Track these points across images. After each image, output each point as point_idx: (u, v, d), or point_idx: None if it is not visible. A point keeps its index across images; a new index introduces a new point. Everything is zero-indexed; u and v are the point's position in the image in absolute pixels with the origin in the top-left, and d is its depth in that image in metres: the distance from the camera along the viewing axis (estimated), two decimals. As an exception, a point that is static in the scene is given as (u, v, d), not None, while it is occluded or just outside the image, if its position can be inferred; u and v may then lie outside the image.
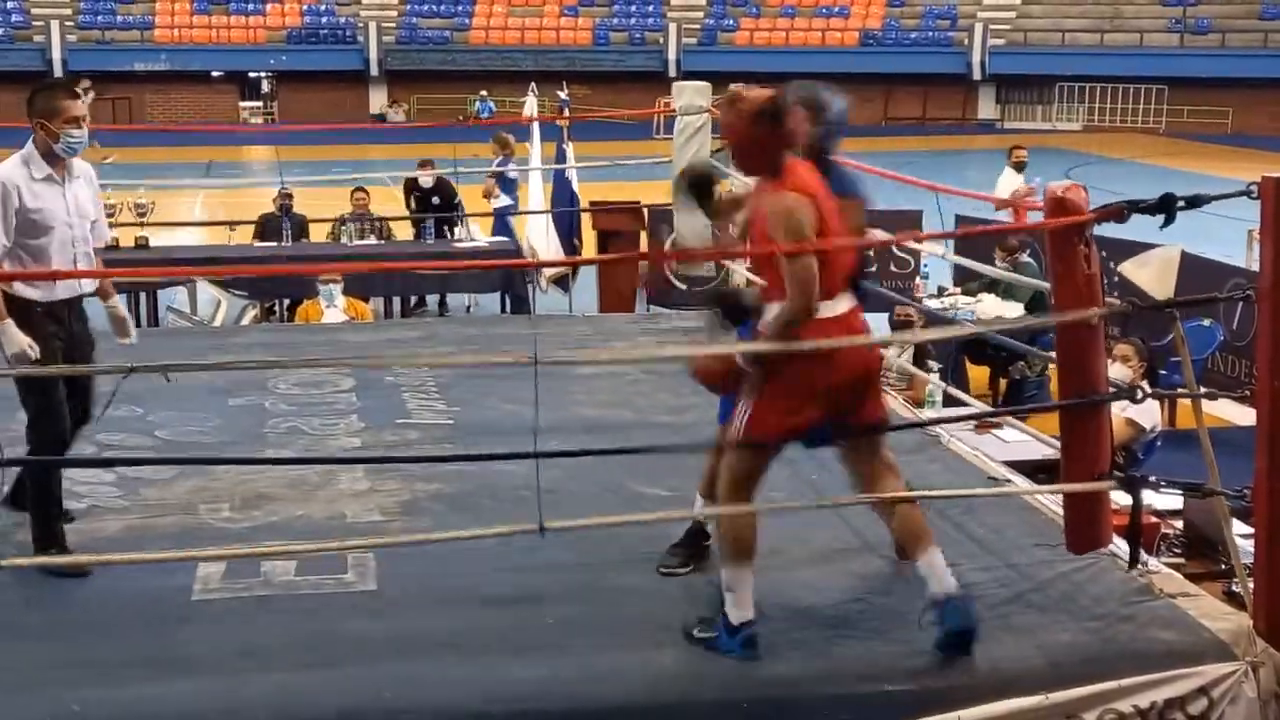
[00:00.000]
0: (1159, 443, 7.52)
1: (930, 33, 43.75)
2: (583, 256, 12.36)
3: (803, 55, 38.64)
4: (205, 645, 4.23)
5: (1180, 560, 5.46)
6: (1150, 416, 7.34)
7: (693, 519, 4.75)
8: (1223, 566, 5.14)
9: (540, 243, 12.30)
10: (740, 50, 42.06)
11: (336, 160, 24.64)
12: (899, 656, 4.13)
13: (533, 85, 14.24)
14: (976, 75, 42.86)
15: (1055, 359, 4.58)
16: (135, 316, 10.65)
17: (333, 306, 10.67)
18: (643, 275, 11.78)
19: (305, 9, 42.94)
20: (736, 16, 44.10)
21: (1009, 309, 10.84)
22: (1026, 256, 11.50)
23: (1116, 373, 6.64)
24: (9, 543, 4.92)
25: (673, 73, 38.87)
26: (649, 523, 4.78)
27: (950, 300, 11.44)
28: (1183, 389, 4.85)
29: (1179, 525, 5.75)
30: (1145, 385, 6.73)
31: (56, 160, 4.87)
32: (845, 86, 5.07)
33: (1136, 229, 5.35)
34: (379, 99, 42.18)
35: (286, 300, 12.16)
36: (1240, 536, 4.62)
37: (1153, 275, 10.43)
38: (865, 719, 3.96)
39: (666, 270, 11.69)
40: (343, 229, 13.42)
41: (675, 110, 10.08)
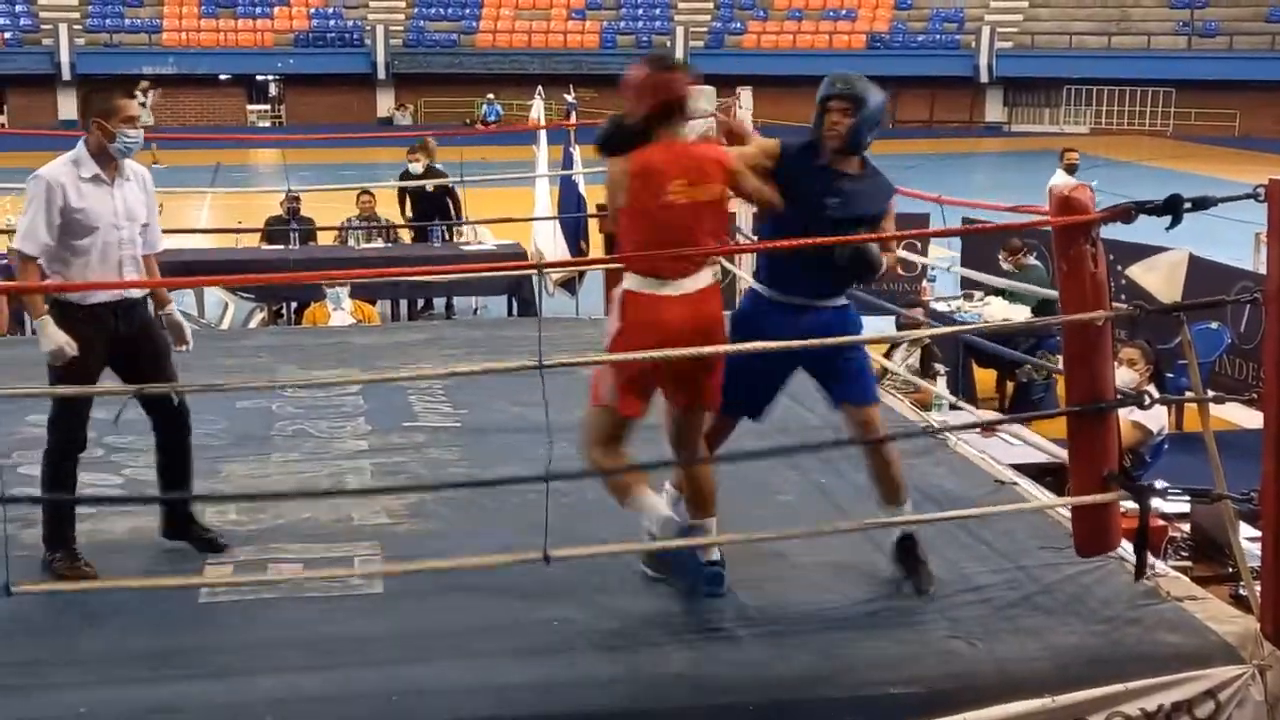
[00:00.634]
0: (1166, 446, 7.51)
1: (937, 35, 43.71)
2: (589, 259, 12.34)
3: (810, 58, 38.55)
4: (212, 647, 4.23)
5: (1187, 563, 5.47)
6: (1157, 420, 7.34)
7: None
8: (1230, 570, 5.15)
9: (547, 245, 12.31)
10: (747, 53, 41.97)
11: (344, 164, 24.68)
12: (905, 659, 4.13)
13: (540, 88, 14.26)
14: (984, 78, 42.78)
15: (1062, 361, 4.58)
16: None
17: (340, 309, 10.70)
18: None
19: (313, 12, 42.98)
20: (744, 20, 44.05)
21: (1016, 312, 10.82)
22: (1033, 259, 11.50)
23: (1123, 377, 6.63)
24: (15, 544, 4.91)
25: (680, 76, 38.73)
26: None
27: (957, 303, 11.44)
28: (1190, 392, 4.84)
29: (1186, 529, 5.75)
30: (1152, 389, 6.73)
31: (108, 161, 4.73)
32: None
33: (1144, 232, 5.35)
34: (386, 102, 42.20)
35: (294, 303, 12.19)
36: (1247, 540, 4.62)
37: (1161, 278, 10.41)
38: (871, 721, 3.96)
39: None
40: (350, 233, 13.43)
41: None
